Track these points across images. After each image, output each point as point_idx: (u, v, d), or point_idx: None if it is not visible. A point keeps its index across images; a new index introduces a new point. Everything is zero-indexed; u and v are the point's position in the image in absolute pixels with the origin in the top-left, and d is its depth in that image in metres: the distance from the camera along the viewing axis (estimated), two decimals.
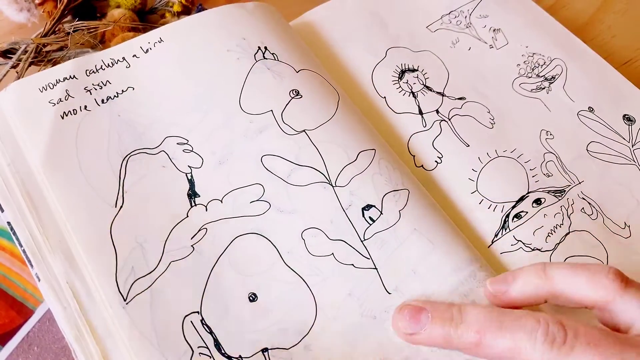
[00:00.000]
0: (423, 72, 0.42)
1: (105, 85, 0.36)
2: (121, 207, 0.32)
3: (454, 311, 0.28)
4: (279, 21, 0.41)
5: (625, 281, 0.27)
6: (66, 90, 0.35)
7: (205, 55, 0.37)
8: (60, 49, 0.42)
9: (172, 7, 0.46)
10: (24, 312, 0.34)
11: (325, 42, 0.43)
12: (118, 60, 0.37)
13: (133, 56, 0.37)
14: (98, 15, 0.46)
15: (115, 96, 0.35)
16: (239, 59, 0.37)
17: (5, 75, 0.40)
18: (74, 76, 0.36)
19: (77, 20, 0.43)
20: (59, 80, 0.35)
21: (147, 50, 0.37)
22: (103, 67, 0.36)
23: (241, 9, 0.39)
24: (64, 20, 0.43)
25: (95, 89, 0.35)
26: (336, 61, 0.42)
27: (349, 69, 0.42)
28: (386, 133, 0.38)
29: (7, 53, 0.41)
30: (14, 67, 0.40)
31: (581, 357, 0.25)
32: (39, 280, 0.30)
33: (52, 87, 0.35)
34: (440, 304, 0.29)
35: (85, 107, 0.35)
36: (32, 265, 0.31)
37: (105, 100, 0.35)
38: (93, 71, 0.36)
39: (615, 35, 0.48)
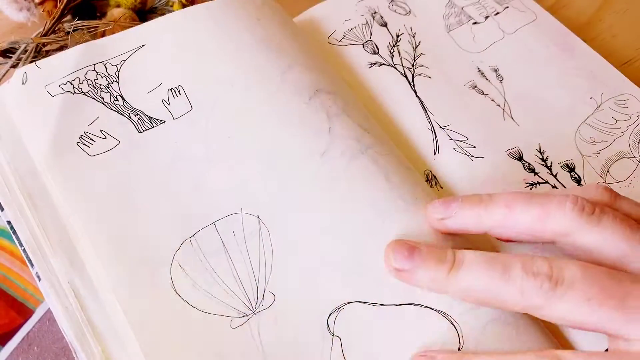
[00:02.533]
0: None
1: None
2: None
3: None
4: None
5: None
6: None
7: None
8: (60, 48, 0.42)
9: (172, 6, 0.46)
10: (24, 312, 0.34)
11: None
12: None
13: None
14: (98, 14, 0.46)
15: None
16: None
17: (5, 74, 0.40)
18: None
19: (77, 20, 0.43)
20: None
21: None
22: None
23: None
24: (63, 20, 0.43)
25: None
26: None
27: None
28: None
29: (6, 52, 0.41)
30: (13, 66, 0.40)
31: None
32: (40, 279, 0.30)
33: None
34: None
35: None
36: (32, 265, 0.31)
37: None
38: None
39: (616, 35, 0.48)
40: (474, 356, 0.27)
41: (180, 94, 0.35)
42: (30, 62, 0.40)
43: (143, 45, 0.37)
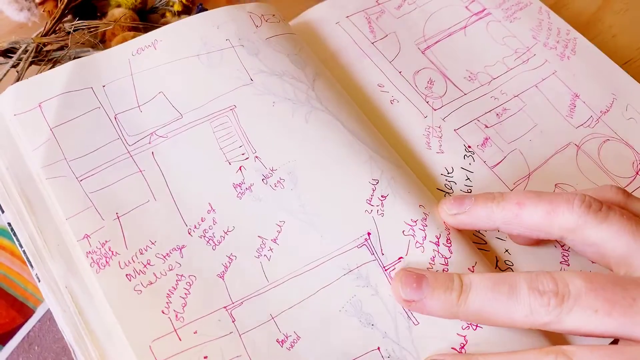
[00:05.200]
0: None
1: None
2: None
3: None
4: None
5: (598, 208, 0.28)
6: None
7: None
8: (61, 48, 0.42)
9: (172, 6, 0.46)
10: (25, 312, 0.34)
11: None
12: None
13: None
14: (98, 14, 0.46)
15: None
16: None
17: (5, 74, 0.40)
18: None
19: (78, 20, 0.43)
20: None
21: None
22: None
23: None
24: (64, 20, 0.43)
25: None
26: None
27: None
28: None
29: (7, 52, 0.41)
30: (14, 66, 0.40)
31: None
32: (39, 281, 0.30)
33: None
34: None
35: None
36: (32, 266, 0.31)
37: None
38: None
39: (616, 35, 0.48)
40: (481, 356, 0.28)
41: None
42: (31, 62, 0.40)
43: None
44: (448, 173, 0.37)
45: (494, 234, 0.35)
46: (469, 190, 0.37)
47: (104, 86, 0.35)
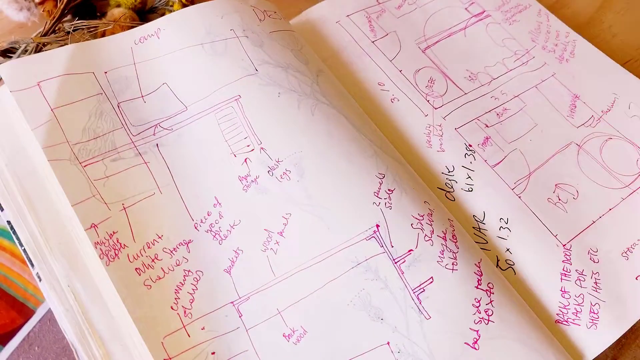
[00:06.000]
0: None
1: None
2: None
3: None
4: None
5: None
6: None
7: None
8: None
9: (172, 6, 0.46)
10: (25, 312, 0.34)
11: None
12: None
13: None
14: (98, 14, 0.46)
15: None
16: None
17: None
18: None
19: (77, 20, 0.43)
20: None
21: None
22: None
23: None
24: (64, 20, 0.43)
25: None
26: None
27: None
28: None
29: (7, 52, 0.41)
30: None
31: None
32: (40, 280, 0.30)
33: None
34: None
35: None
36: (32, 265, 0.31)
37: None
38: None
39: (616, 35, 0.48)
40: None
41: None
42: None
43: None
44: (449, 172, 0.37)
45: (495, 233, 0.35)
46: (470, 190, 0.37)
47: (105, 72, 0.35)
